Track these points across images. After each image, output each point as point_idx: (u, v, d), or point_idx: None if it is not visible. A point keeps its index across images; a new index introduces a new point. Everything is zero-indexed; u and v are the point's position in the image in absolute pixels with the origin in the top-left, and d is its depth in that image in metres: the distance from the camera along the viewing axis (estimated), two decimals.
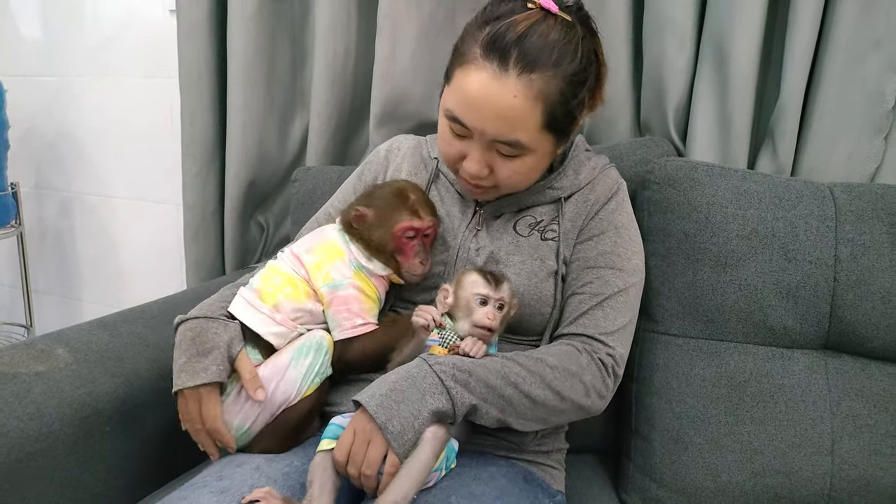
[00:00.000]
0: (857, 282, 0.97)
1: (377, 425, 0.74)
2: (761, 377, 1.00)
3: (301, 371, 0.86)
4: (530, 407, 0.82)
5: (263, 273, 0.95)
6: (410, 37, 1.35)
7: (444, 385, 0.77)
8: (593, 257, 0.93)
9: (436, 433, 0.76)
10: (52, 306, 2.20)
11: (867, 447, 0.95)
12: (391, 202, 0.94)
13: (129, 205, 1.98)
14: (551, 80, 0.81)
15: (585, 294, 0.91)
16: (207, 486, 0.76)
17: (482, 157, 0.87)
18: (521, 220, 0.97)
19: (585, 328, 0.89)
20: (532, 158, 0.87)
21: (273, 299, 0.91)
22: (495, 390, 0.80)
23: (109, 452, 0.98)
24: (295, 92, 1.55)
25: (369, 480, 0.75)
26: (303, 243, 0.98)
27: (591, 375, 0.85)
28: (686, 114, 1.23)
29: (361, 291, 0.92)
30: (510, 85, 0.80)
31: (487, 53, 0.80)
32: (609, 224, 0.95)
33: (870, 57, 1.09)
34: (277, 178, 1.59)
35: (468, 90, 0.82)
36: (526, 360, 0.83)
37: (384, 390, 0.77)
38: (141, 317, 1.18)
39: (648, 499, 1.02)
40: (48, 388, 0.94)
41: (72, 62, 1.92)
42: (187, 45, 1.49)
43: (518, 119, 0.82)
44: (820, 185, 1.05)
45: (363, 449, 0.75)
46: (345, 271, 0.92)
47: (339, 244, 0.95)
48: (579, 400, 0.85)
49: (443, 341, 0.85)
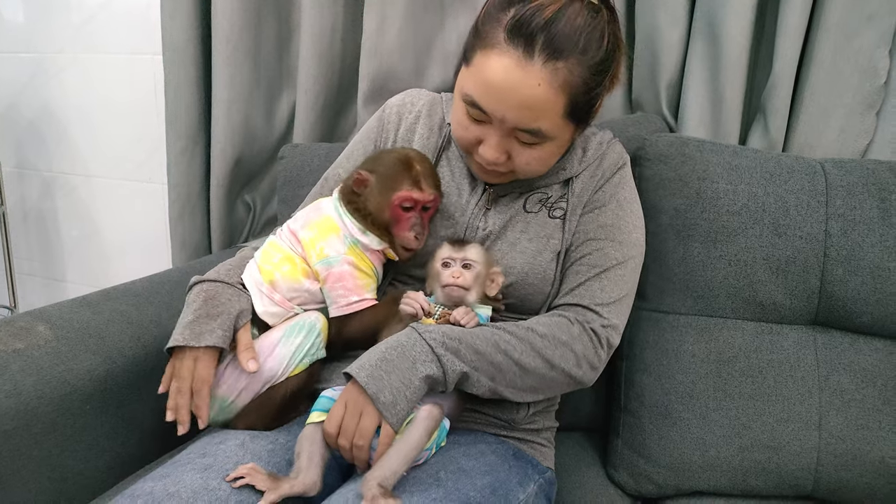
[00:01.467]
0: (847, 257, 0.97)
1: (368, 396, 0.73)
2: (750, 352, 1.00)
3: (290, 349, 0.85)
4: (520, 375, 0.81)
5: (265, 248, 0.94)
6: (398, 12, 1.33)
7: (435, 353, 0.76)
8: (594, 229, 0.92)
9: (430, 412, 0.76)
10: (35, 287, 2.17)
11: (854, 422, 0.95)
12: (394, 170, 0.91)
13: (113, 184, 1.94)
14: (576, 67, 0.78)
15: (583, 265, 0.90)
16: (191, 463, 0.75)
17: (500, 144, 0.85)
18: (531, 197, 0.95)
19: (580, 298, 0.88)
20: (552, 146, 0.86)
21: (270, 276, 0.90)
22: (485, 357, 0.79)
23: (90, 432, 0.97)
24: (281, 68, 1.52)
25: (361, 452, 0.74)
26: (299, 218, 0.95)
27: (583, 345, 0.85)
28: (678, 90, 1.22)
29: (356, 267, 0.90)
30: (535, 73, 0.77)
31: (512, 38, 0.77)
32: (612, 197, 0.94)
33: (862, 32, 1.08)
34: (264, 155, 1.57)
35: (490, 76, 0.79)
36: (515, 329, 0.82)
37: (373, 360, 0.76)
38: (124, 295, 1.16)
39: (636, 474, 1.02)
40: (26, 365, 0.92)
41: (53, 39, 1.87)
42: (171, 21, 1.45)
43: (541, 108, 0.80)
44: (811, 160, 1.04)
45: (355, 420, 0.74)
46: (339, 247, 0.90)
47: (334, 219, 0.92)
48: (570, 369, 0.84)
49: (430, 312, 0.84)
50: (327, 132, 1.49)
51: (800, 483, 0.96)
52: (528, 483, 0.86)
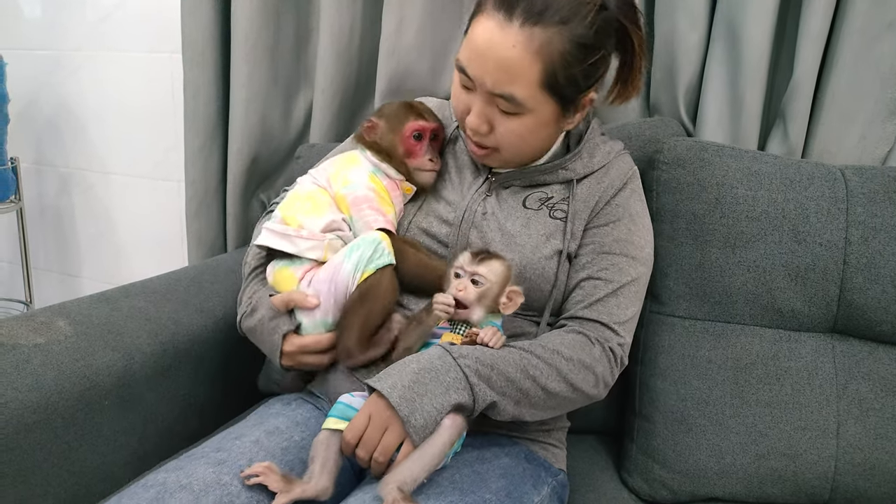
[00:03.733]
0: (868, 265, 0.96)
1: (398, 416, 0.73)
2: (768, 360, 0.99)
3: (354, 262, 0.88)
4: (544, 399, 0.81)
5: (283, 203, 0.98)
6: (417, 12, 1.33)
7: (469, 381, 0.76)
8: (609, 243, 0.92)
9: (454, 421, 0.75)
10: (51, 283, 2.18)
11: (873, 431, 0.94)
12: (399, 110, 1.00)
13: (129, 181, 1.96)
14: (555, 36, 0.79)
15: (601, 280, 0.90)
16: (205, 458, 0.76)
17: (483, 111, 0.87)
18: (532, 195, 0.95)
19: (599, 315, 0.88)
20: (531, 120, 0.86)
21: (296, 222, 0.93)
22: (515, 384, 0.79)
23: (108, 426, 0.98)
24: (299, 67, 1.53)
25: (380, 466, 0.74)
26: (321, 163, 1.04)
27: (603, 367, 0.85)
28: (697, 94, 1.21)
29: (376, 192, 0.95)
30: (512, 34, 0.79)
31: (497, 3, 0.80)
32: (625, 211, 0.94)
33: (884, 38, 1.07)
34: (281, 154, 1.57)
35: (474, 38, 0.83)
36: (543, 352, 0.82)
37: (406, 381, 0.74)
38: (143, 291, 1.17)
39: (651, 480, 1.02)
40: (47, 359, 0.93)
41: (71, 36, 1.89)
42: (191, 19, 1.46)
43: (515, 71, 0.81)
44: (831, 167, 1.03)
45: (378, 435, 0.74)
46: (361, 175, 0.96)
47: (355, 154, 1.01)
48: (589, 390, 0.84)
49: (454, 327, 0.83)
50: (343, 132, 1.49)
51: (816, 492, 0.96)
52: (541, 486, 0.86)
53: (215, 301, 1.22)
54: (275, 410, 0.90)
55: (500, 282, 0.83)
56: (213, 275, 1.30)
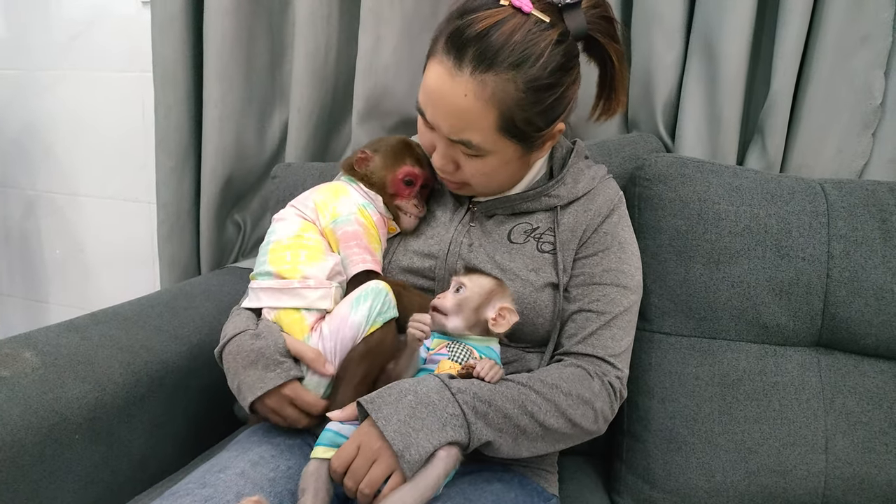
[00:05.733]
0: (850, 278, 0.97)
1: (390, 449, 0.71)
2: (754, 375, 0.99)
3: (363, 314, 0.85)
4: (542, 435, 0.79)
5: (270, 256, 0.91)
6: (394, 31, 1.32)
7: (466, 419, 0.74)
8: (599, 273, 0.91)
9: (450, 452, 0.73)
10: (16, 309, 2.11)
11: (861, 444, 0.94)
12: (397, 150, 0.97)
13: (98, 203, 1.91)
14: (508, 83, 0.77)
15: (593, 312, 0.89)
16: (190, 495, 0.72)
17: (446, 152, 0.86)
18: (516, 227, 0.94)
19: (594, 349, 0.87)
20: (495, 160, 0.85)
21: (298, 274, 0.88)
22: (511, 420, 0.77)
23: (79, 462, 0.93)
24: (274, 86, 1.51)
25: (366, 498, 0.71)
26: (303, 194, 0.99)
27: (602, 402, 0.84)
28: (675, 110, 1.22)
29: (365, 228, 0.93)
30: (462, 83, 0.78)
31: (447, 48, 0.78)
32: (613, 239, 0.93)
33: (858, 53, 1.09)
34: (255, 174, 1.54)
35: (427, 83, 0.82)
36: (542, 387, 0.80)
37: (402, 415, 0.72)
38: (113, 318, 1.13)
39: (641, 500, 1.01)
40: (13, 393, 0.88)
41: (37, 55, 1.84)
42: (162, 39, 1.44)
43: (469, 119, 0.80)
44: (811, 181, 1.04)
45: (366, 466, 0.71)
46: (350, 206, 0.94)
47: (342, 184, 0.98)
48: (588, 426, 0.83)
49: (452, 355, 0.81)
50: (320, 151, 1.47)
51: None
52: None
53: (190, 327, 1.18)
54: (257, 438, 0.86)
55: (481, 293, 0.83)
56: (186, 300, 1.26)
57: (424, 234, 0.97)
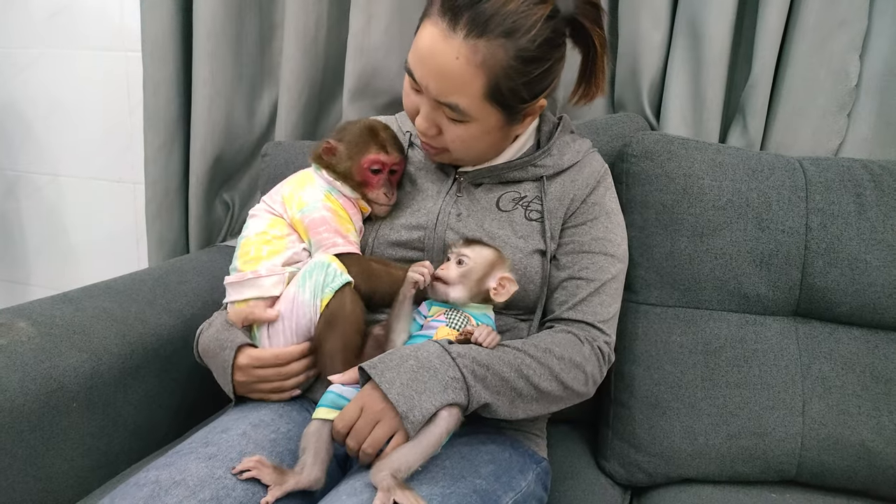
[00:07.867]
0: (827, 250, 1.01)
1: (394, 411, 0.72)
2: (735, 343, 1.03)
3: (310, 290, 0.86)
4: (536, 397, 0.82)
5: (238, 252, 0.95)
6: (385, 10, 1.33)
7: (466, 382, 0.76)
8: (587, 242, 0.94)
9: (451, 412, 0.75)
10: None
11: (836, 407, 0.99)
12: (361, 136, 0.96)
13: (81, 184, 1.89)
14: (498, 50, 0.80)
15: (582, 279, 0.92)
16: (194, 453, 0.74)
17: (430, 115, 0.88)
18: (504, 195, 0.96)
19: (584, 315, 0.90)
20: (477, 127, 0.87)
21: (254, 265, 0.91)
22: (508, 383, 0.79)
23: (76, 430, 0.94)
24: (264, 64, 1.51)
25: (368, 458, 0.74)
26: (275, 188, 1.00)
27: (592, 365, 0.87)
28: (660, 91, 1.25)
29: (333, 212, 0.93)
30: (455, 46, 0.79)
31: (443, 10, 0.80)
32: (601, 209, 0.96)
33: (835, 37, 1.13)
34: (245, 153, 1.54)
35: (420, 44, 0.84)
36: (536, 352, 0.83)
37: (405, 379, 0.74)
38: (105, 292, 1.13)
39: (627, 464, 1.04)
40: (10, 361, 0.89)
41: (18, 34, 1.81)
42: (151, 14, 1.43)
43: (458, 82, 0.82)
44: (790, 158, 1.08)
45: (369, 427, 0.73)
46: (316, 194, 0.94)
47: (309, 172, 0.99)
48: (579, 389, 0.86)
49: (450, 322, 0.83)
50: (310, 130, 1.48)
51: (784, 468, 0.99)
52: (527, 471, 0.87)
53: (182, 301, 1.19)
54: (257, 403, 0.88)
55: (484, 264, 0.85)
56: (178, 275, 1.27)
57: (411, 207, 0.98)
